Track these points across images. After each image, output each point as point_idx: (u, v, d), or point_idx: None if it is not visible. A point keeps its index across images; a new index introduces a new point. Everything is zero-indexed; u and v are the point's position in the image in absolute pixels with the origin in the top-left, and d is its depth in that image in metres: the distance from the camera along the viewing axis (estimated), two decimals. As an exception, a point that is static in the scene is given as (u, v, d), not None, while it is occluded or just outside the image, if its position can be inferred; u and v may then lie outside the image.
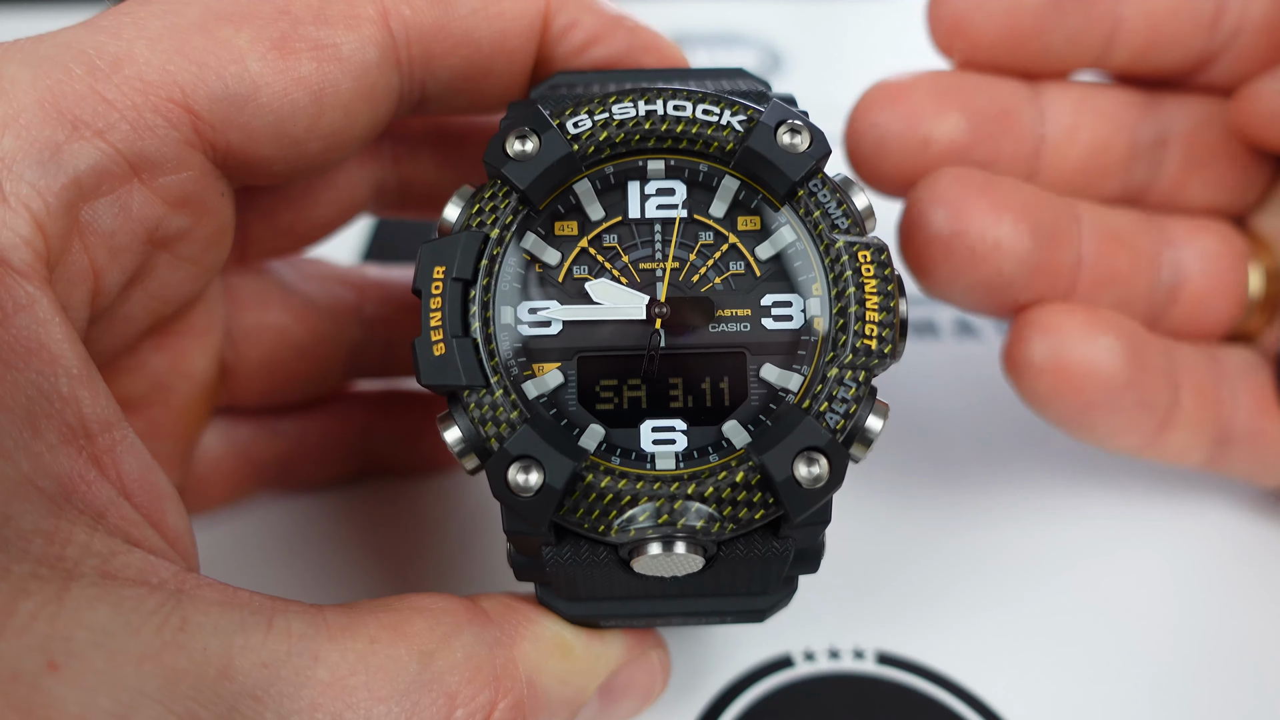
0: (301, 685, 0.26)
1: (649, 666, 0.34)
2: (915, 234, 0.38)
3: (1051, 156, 0.40)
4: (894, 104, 0.38)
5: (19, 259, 0.27)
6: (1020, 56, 0.40)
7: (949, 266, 0.37)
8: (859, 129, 0.39)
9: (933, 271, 0.38)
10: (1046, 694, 0.38)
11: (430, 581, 0.42)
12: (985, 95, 0.39)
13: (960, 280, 0.37)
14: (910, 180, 0.38)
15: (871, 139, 0.38)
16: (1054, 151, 0.40)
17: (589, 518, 0.29)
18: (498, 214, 0.31)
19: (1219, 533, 0.43)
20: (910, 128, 0.38)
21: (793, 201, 0.32)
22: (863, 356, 0.30)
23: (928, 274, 0.38)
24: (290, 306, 0.40)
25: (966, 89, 0.39)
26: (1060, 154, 0.40)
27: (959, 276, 0.37)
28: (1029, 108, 0.40)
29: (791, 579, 0.33)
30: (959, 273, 0.37)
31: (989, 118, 0.39)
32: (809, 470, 0.29)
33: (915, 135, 0.38)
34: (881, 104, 0.39)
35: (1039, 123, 0.40)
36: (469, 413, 0.29)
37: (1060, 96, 0.40)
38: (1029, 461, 0.46)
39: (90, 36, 0.29)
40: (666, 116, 0.31)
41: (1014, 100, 0.40)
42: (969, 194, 0.37)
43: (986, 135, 0.39)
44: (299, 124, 0.31)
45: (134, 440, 0.28)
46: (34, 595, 0.24)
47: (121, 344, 0.34)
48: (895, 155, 0.38)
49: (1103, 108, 0.41)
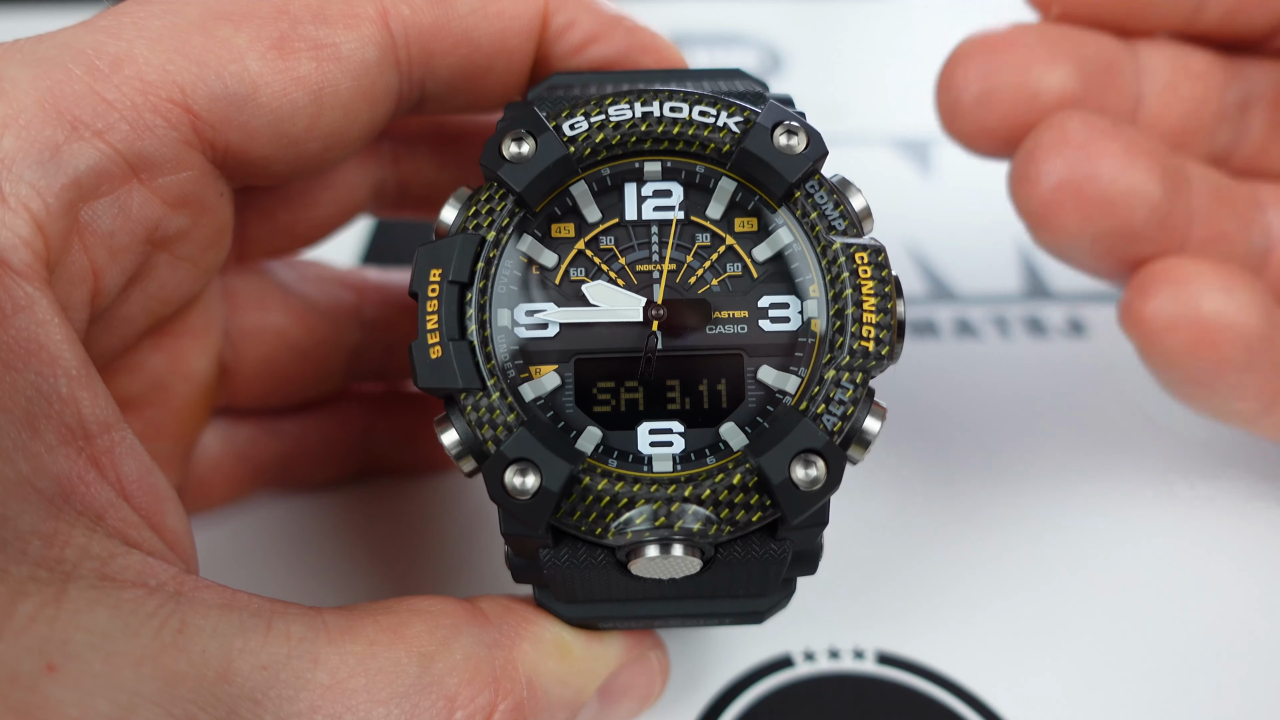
0: (301, 688, 0.26)
1: (648, 667, 0.34)
2: (1035, 182, 0.35)
3: (1149, 115, 0.39)
4: (1000, 54, 0.37)
5: (18, 259, 0.27)
6: (1120, 11, 0.38)
7: (1078, 215, 0.35)
8: (960, 81, 0.37)
9: (1057, 221, 0.36)
10: (1046, 694, 0.38)
11: (429, 583, 0.42)
12: (1091, 47, 0.38)
13: (1088, 230, 0.35)
14: (1015, 135, 0.37)
15: (976, 90, 0.37)
16: (1151, 110, 0.39)
17: (586, 520, 0.29)
18: (494, 216, 0.31)
19: (1220, 532, 0.43)
20: (1020, 78, 0.37)
21: (790, 203, 0.31)
22: (860, 358, 0.30)
23: (1050, 225, 0.36)
24: (289, 308, 0.40)
25: (1071, 40, 0.38)
26: (1158, 113, 0.39)
27: (1087, 225, 0.35)
28: (1130, 64, 0.38)
29: (790, 581, 0.33)
30: (1088, 221, 0.35)
31: (1096, 70, 0.37)
32: (806, 472, 0.28)
33: (1025, 86, 0.37)
34: (985, 54, 0.37)
35: (1137, 80, 0.39)
36: (466, 415, 0.29)
37: (1156, 54, 0.39)
38: (1029, 461, 0.46)
39: (89, 36, 0.29)
40: (663, 118, 0.31)
41: (1116, 55, 0.38)
42: (1100, 137, 0.35)
43: (1093, 89, 0.37)
44: (298, 123, 0.31)
45: (133, 441, 0.28)
46: (32, 597, 0.24)
47: (121, 344, 0.34)
48: (1003, 107, 0.37)
49: (1196, 68, 0.39)
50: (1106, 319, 0.52)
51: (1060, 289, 0.54)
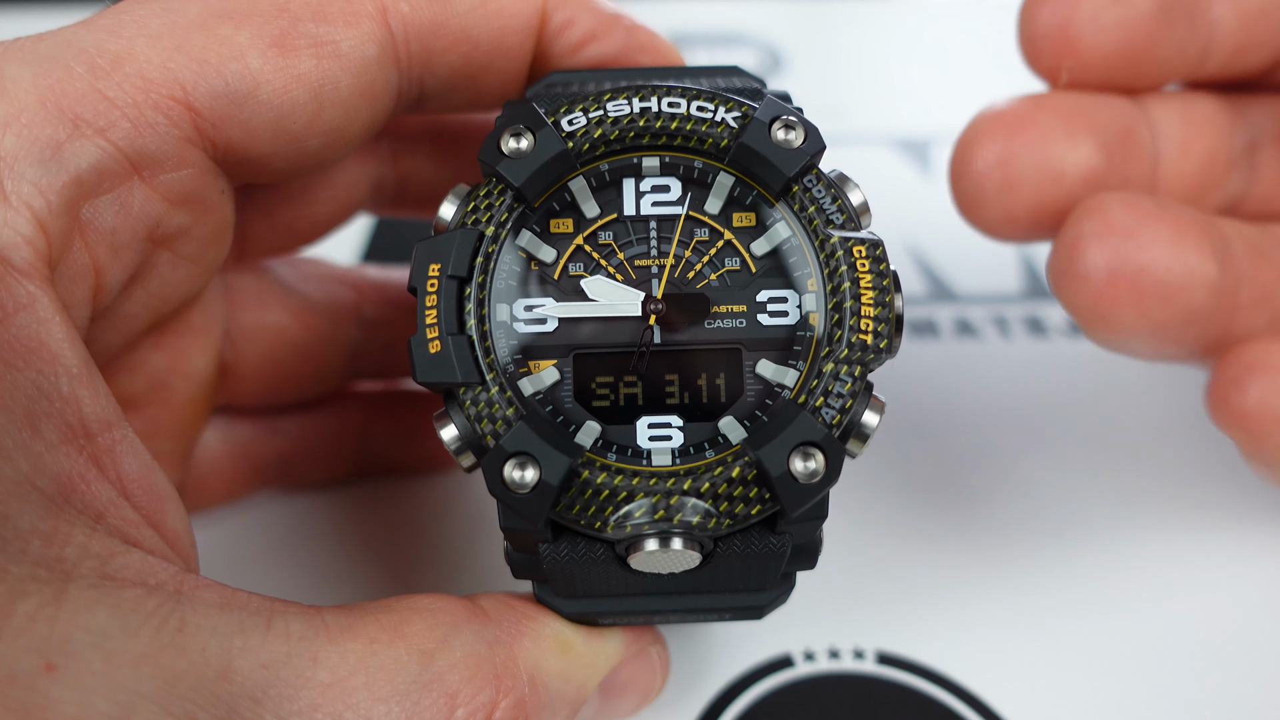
0: (301, 686, 0.26)
1: (649, 663, 0.34)
2: (1083, 277, 0.33)
3: (1168, 174, 0.37)
4: (1018, 134, 0.35)
5: (20, 257, 0.27)
6: (1131, 72, 0.36)
7: (1134, 309, 0.33)
8: (979, 166, 0.35)
9: (1112, 317, 0.33)
10: (1046, 694, 0.38)
11: (429, 581, 0.42)
12: (1106, 114, 0.36)
13: (1146, 322, 0.33)
14: (1041, 219, 0.35)
15: (997, 177, 0.35)
16: (1170, 169, 0.37)
17: (585, 514, 0.29)
18: (493, 211, 0.31)
19: (1220, 532, 0.43)
20: (1042, 158, 0.35)
21: (788, 197, 0.32)
22: (858, 351, 0.30)
23: (1105, 321, 0.34)
24: (289, 306, 0.40)
25: (1088, 110, 0.36)
26: (1177, 171, 0.37)
27: (1145, 318, 0.33)
28: (1144, 125, 0.37)
29: (789, 575, 0.33)
30: (1145, 314, 0.33)
31: (1115, 139, 0.36)
32: (805, 465, 0.28)
33: (1049, 166, 0.35)
34: (1002, 134, 0.35)
35: (1154, 141, 0.37)
36: (465, 410, 0.29)
37: (1166, 110, 0.38)
38: (1029, 462, 0.46)
39: (90, 35, 0.29)
40: (661, 113, 0.31)
41: (1132, 118, 0.37)
42: (1147, 221, 0.33)
43: (1115, 159, 0.36)
44: (299, 121, 0.31)
45: (134, 440, 0.28)
46: (32, 596, 0.24)
47: (122, 343, 0.34)
48: (1028, 191, 0.35)
49: (1204, 117, 0.38)
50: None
51: (1060, 289, 0.54)
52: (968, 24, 0.70)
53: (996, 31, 0.49)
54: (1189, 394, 0.47)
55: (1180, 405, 0.47)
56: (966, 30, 0.69)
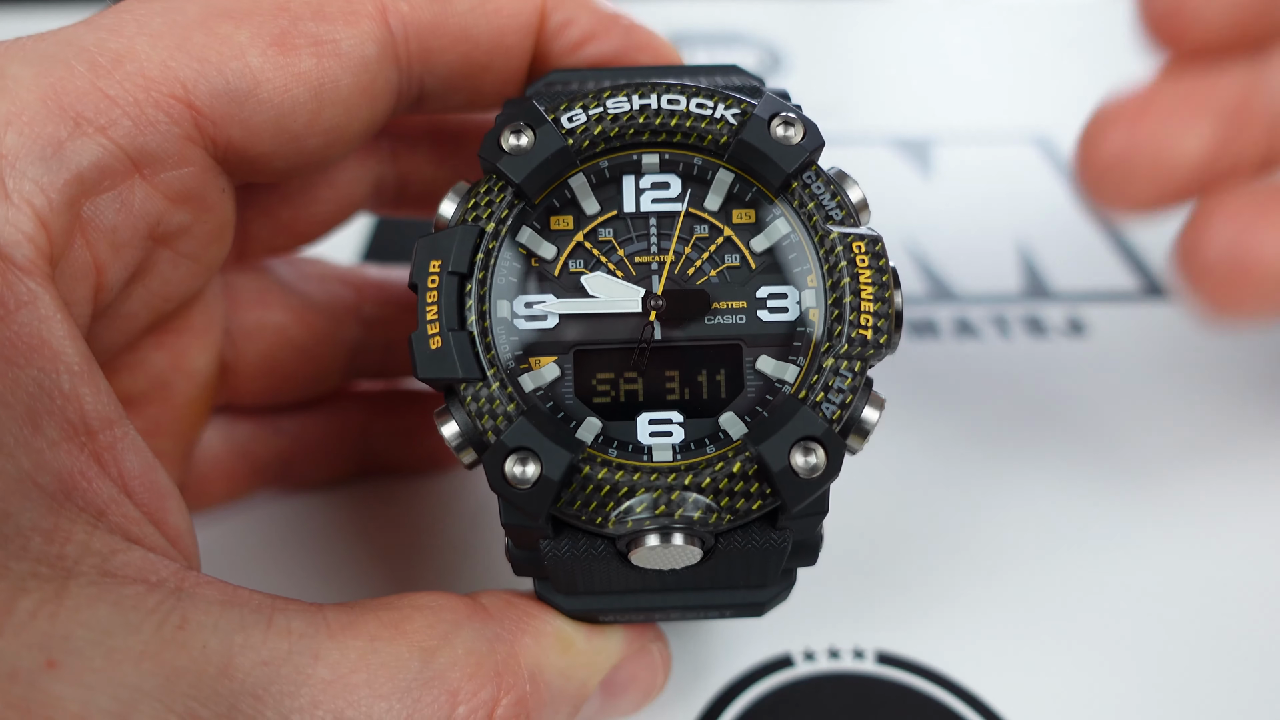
0: (302, 683, 0.26)
1: (650, 660, 0.34)
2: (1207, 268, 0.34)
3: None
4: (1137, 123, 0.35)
5: (21, 255, 0.27)
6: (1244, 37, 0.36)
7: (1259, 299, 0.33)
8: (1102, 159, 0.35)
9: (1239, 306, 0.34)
10: (1046, 694, 0.38)
11: (429, 579, 0.42)
12: (1222, 90, 0.36)
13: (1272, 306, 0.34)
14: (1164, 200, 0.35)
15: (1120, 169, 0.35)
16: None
17: (586, 509, 0.29)
18: (493, 208, 0.31)
19: (1220, 532, 0.43)
20: (1161, 146, 0.35)
21: (787, 194, 0.32)
22: (858, 347, 0.30)
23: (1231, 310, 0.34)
24: (290, 305, 0.40)
25: (1203, 88, 0.36)
26: None
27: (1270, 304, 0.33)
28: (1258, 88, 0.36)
29: (790, 572, 0.33)
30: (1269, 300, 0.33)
31: (1230, 114, 0.36)
32: (806, 460, 0.29)
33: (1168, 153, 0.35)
34: (1122, 125, 0.35)
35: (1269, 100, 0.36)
36: (465, 406, 0.29)
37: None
38: (1029, 462, 0.46)
39: (91, 34, 0.29)
40: (660, 110, 0.31)
41: (1245, 86, 0.36)
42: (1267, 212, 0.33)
43: (1231, 133, 0.36)
44: (299, 119, 0.31)
45: (135, 438, 0.28)
46: (33, 593, 0.24)
47: (123, 341, 0.34)
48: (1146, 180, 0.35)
49: None
50: (1106, 319, 0.52)
51: (1060, 289, 0.54)
52: (968, 24, 0.70)
53: (997, 31, 0.49)
54: (1189, 394, 0.48)
55: (1180, 405, 0.47)
56: (966, 30, 0.69)
